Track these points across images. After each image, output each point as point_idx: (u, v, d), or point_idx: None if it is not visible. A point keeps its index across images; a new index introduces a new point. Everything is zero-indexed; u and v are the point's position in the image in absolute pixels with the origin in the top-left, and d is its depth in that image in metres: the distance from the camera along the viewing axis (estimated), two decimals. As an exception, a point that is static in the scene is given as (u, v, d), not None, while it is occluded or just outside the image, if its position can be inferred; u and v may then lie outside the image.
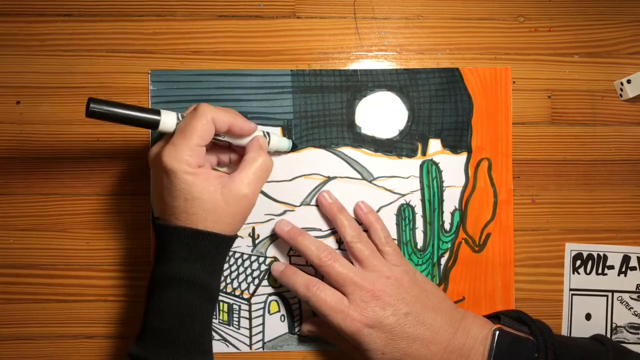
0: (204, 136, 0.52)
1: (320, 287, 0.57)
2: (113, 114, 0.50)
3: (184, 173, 0.51)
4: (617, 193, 0.65)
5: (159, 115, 0.52)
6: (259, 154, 0.55)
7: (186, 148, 0.51)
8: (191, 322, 0.52)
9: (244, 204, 0.54)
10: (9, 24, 0.62)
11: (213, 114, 0.52)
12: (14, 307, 0.62)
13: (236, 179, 0.54)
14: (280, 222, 0.62)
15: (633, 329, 0.65)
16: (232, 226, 0.54)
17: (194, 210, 0.52)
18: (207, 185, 0.52)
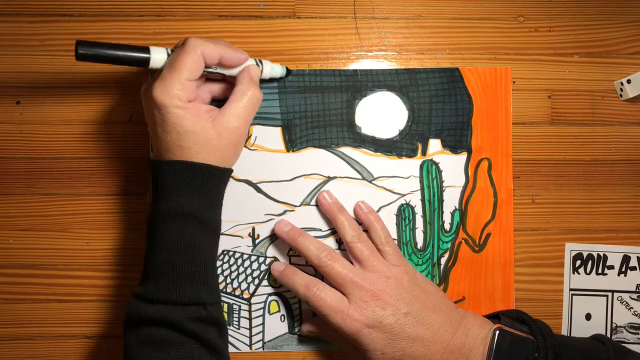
0: (194, 70, 0.52)
1: (320, 287, 0.57)
2: (102, 55, 0.51)
3: (175, 107, 0.51)
4: (617, 193, 0.65)
5: (148, 52, 0.52)
6: (248, 86, 0.55)
7: (176, 82, 0.51)
8: (192, 253, 0.52)
9: (235, 136, 0.55)
10: (9, 24, 0.62)
11: (202, 47, 0.52)
12: (13, 307, 0.63)
13: (226, 112, 0.54)
14: (280, 222, 0.62)
15: (633, 329, 0.65)
16: (225, 159, 0.55)
17: (187, 144, 0.52)
18: (198, 119, 0.52)
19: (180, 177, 0.52)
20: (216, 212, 0.55)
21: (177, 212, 0.52)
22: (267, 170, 0.63)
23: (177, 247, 0.52)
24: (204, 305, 0.52)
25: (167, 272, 0.52)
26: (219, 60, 0.54)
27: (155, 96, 0.51)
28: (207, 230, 0.53)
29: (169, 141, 0.53)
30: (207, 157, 0.53)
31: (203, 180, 0.53)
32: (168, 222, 0.52)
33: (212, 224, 0.54)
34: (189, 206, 0.52)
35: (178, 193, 0.52)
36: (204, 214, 0.53)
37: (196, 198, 0.53)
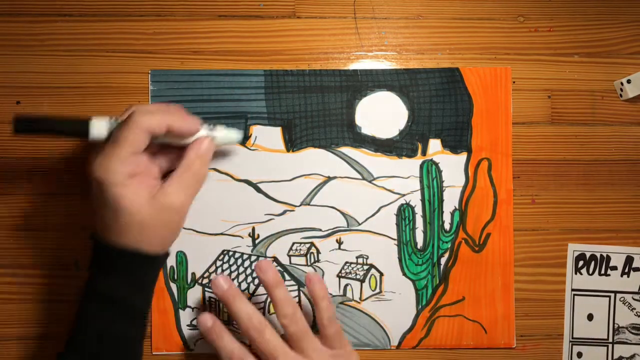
0: (136, 145, 0.50)
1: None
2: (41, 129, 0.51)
3: (112, 184, 0.49)
4: (617, 193, 0.65)
5: (87, 125, 0.51)
6: (194, 161, 0.53)
7: (116, 158, 0.49)
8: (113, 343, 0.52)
9: (172, 216, 0.52)
10: (9, 24, 0.62)
11: (147, 120, 0.50)
12: (13, 307, 0.62)
13: (166, 187, 0.52)
14: (218, 279, 0.57)
15: (635, 329, 0.65)
16: (161, 240, 0.53)
17: (122, 222, 0.50)
18: (136, 197, 0.50)
19: (112, 261, 0.52)
20: (146, 296, 0.54)
21: (104, 295, 0.52)
22: (267, 170, 0.63)
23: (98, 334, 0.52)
24: None
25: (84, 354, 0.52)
26: (167, 131, 0.52)
27: (94, 172, 0.50)
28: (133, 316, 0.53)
29: (105, 216, 0.51)
30: (141, 240, 0.51)
31: (134, 266, 0.52)
32: (94, 304, 0.52)
33: (138, 309, 0.53)
34: (116, 291, 0.52)
35: (108, 276, 0.52)
36: (132, 299, 0.52)
37: (126, 283, 0.52)
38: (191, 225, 0.62)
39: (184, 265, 0.62)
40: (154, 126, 0.51)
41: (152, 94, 0.62)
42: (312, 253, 0.63)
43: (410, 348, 0.64)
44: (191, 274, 0.63)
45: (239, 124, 0.63)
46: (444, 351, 0.64)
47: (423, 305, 0.63)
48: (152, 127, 0.50)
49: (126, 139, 0.49)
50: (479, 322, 0.64)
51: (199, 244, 0.62)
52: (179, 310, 0.63)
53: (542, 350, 0.64)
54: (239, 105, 0.63)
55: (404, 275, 0.63)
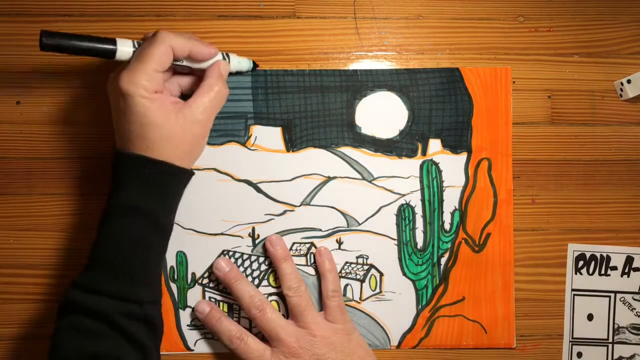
0: (162, 62, 0.52)
1: (243, 339, 0.58)
2: (68, 46, 0.51)
3: (140, 97, 0.51)
4: (617, 193, 0.65)
5: (115, 44, 0.53)
6: (216, 81, 0.56)
7: (143, 73, 0.51)
8: (137, 251, 0.52)
9: (198, 129, 0.55)
10: (9, 24, 0.62)
11: (172, 40, 0.53)
12: (13, 307, 0.62)
13: (192, 105, 0.54)
14: (220, 261, 0.61)
15: (635, 329, 0.65)
16: (186, 155, 0.55)
17: (149, 135, 0.52)
18: (163, 110, 0.52)
19: (137, 171, 0.52)
20: (168, 213, 0.55)
21: (128, 207, 0.52)
22: (267, 170, 0.63)
23: (121, 242, 0.52)
24: (138, 303, 0.52)
25: (107, 265, 0.52)
26: (188, 54, 0.54)
27: (121, 85, 0.51)
28: (156, 229, 0.53)
29: (132, 131, 0.52)
30: (168, 152, 0.53)
31: (159, 178, 0.53)
32: (118, 215, 0.52)
33: (162, 223, 0.54)
34: (141, 202, 0.52)
35: (132, 188, 0.52)
36: (155, 213, 0.53)
37: (150, 195, 0.53)
38: (191, 225, 0.62)
39: (184, 265, 0.62)
40: (178, 45, 0.53)
41: (152, 94, 0.62)
42: (312, 253, 0.63)
43: (410, 348, 0.64)
44: (191, 274, 0.63)
45: (239, 123, 0.63)
46: (444, 351, 0.64)
47: (423, 305, 0.63)
48: (175, 45, 0.53)
49: (153, 55, 0.52)
50: (479, 322, 0.64)
51: (199, 244, 0.62)
52: (179, 310, 0.63)
53: (542, 350, 0.64)
54: (239, 105, 0.63)
55: (404, 275, 0.63)
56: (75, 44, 0.51)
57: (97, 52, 0.52)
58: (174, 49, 0.53)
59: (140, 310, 0.52)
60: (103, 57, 0.53)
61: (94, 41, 0.52)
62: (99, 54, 0.53)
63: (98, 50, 0.52)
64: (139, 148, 0.52)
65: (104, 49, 0.52)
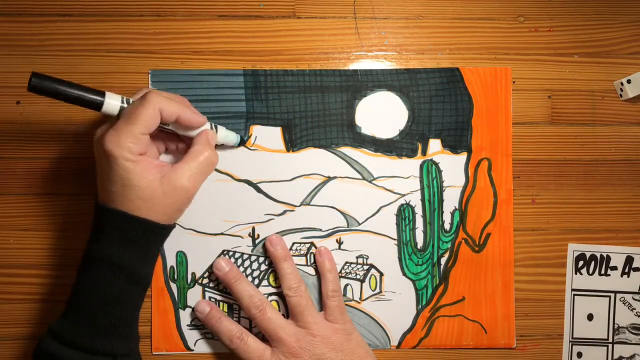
0: (149, 125, 0.52)
1: (243, 339, 0.59)
2: (55, 91, 0.51)
3: (124, 159, 0.51)
4: (617, 193, 0.65)
5: (103, 96, 0.52)
6: (205, 147, 0.55)
7: (129, 134, 0.51)
8: (113, 305, 0.52)
9: (182, 195, 0.54)
10: (9, 24, 0.62)
11: (161, 103, 0.52)
12: (13, 307, 0.62)
13: (178, 170, 0.54)
14: (220, 261, 0.61)
15: (635, 329, 0.65)
16: (167, 216, 0.54)
17: (130, 197, 0.52)
18: (146, 174, 0.52)
19: (117, 227, 0.52)
20: (148, 266, 0.55)
21: (107, 261, 0.52)
22: (267, 170, 0.63)
23: (99, 297, 0.52)
24: (113, 357, 0.52)
25: (83, 318, 0.52)
26: (176, 119, 0.54)
27: (106, 145, 0.51)
28: (134, 283, 0.53)
29: (114, 191, 0.52)
30: (149, 213, 0.53)
31: (139, 234, 0.53)
32: (96, 268, 0.52)
33: (141, 278, 0.54)
34: (119, 258, 0.52)
35: (112, 242, 0.52)
36: (134, 266, 0.53)
37: (129, 251, 0.53)
38: (191, 225, 0.62)
39: (184, 265, 0.62)
40: (167, 110, 0.53)
41: (152, 94, 0.62)
42: (312, 253, 0.63)
43: (410, 348, 0.64)
44: (191, 274, 0.63)
45: (239, 123, 0.63)
46: (444, 351, 0.64)
47: (423, 305, 0.63)
48: (164, 110, 0.53)
49: (141, 117, 0.51)
50: (479, 322, 0.64)
51: (199, 244, 0.62)
52: (179, 310, 0.63)
53: (542, 350, 0.64)
54: (239, 105, 0.63)
55: (404, 275, 0.63)
56: (63, 90, 0.51)
57: (84, 102, 0.52)
58: (163, 112, 0.52)
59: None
60: (89, 107, 0.52)
61: (83, 90, 0.52)
62: (85, 104, 0.52)
63: (85, 100, 0.52)
64: (119, 205, 0.52)
65: (91, 100, 0.52)
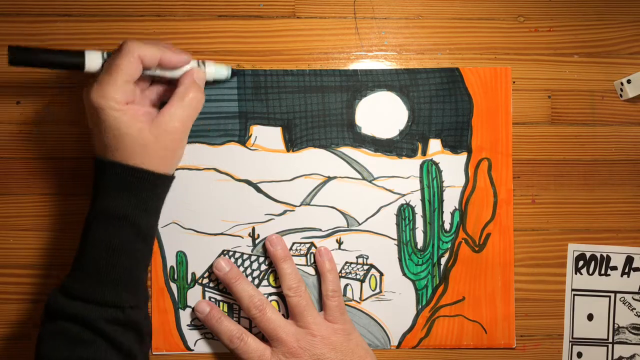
0: (130, 73, 0.52)
1: (243, 339, 0.59)
2: (36, 59, 0.52)
3: (111, 109, 0.51)
4: (617, 193, 0.65)
5: (82, 56, 0.53)
6: (189, 88, 0.55)
7: (112, 85, 0.51)
8: (119, 256, 0.52)
9: (173, 137, 0.54)
10: (9, 24, 0.62)
11: (139, 49, 0.52)
12: (13, 307, 0.62)
13: (165, 113, 0.54)
14: (220, 261, 0.61)
15: (635, 329, 0.65)
16: (163, 162, 0.54)
17: (124, 146, 0.52)
18: (135, 121, 0.52)
19: (116, 179, 0.53)
20: (150, 218, 0.55)
21: (109, 214, 0.52)
22: (267, 170, 0.63)
23: (104, 248, 0.52)
24: (122, 308, 0.52)
25: (90, 271, 0.52)
26: (159, 62, 0.54)
27: (92, 98, 0.52)
28: (138, 234, 0.54)
29: (107, 143, 0.53)
30: (144, 160, 0.53)
31: (139, 184, 0.53)
32: (100, 222, 0.53)
33: (144, 229, 0.54)
34: (122, 209, 0.52)
35: (113, 195, 0.53)
36: (137, 219, 0.53)
37: (130, 202, 0.53)
38: (191, 225, 0.62)
39: (184, 265, 0.62)
40: (146, 55, 0.53)
41: (152, 94, 0.62)
42: (312, 253, 0.63)
43: (410, 348, 0.64)
44: (191, 274, 0.63)
45: (239, 123, 0.63)
46: (444, 351, 0.64)
47: (423, 305, 0.63)
48: (144, 55, 0.53)
49: (121, 67, 0.52)
50: (479, 322, 0.64)
51: (199, 244, 0.62)
52: (179, 310, 0.63)
53: (542, 350, 0.64)
54: (239, 105, 0.63)
55: (404, 275, 0.63)
56: (43, 57, 0.52)
57: (66, 65, 0.52)
58: (143, 58, 0.53)
59: (124, 315, 0.52)
60: (72, 69, 0.53)
61: (63, 54, 0.52)
62: (67, 67, 0.53)
63: (66, 63, 0.52)
64: (116, 156, 0.53)
65: (71, 62, 0.53)
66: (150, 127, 0.53)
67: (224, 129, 0.62)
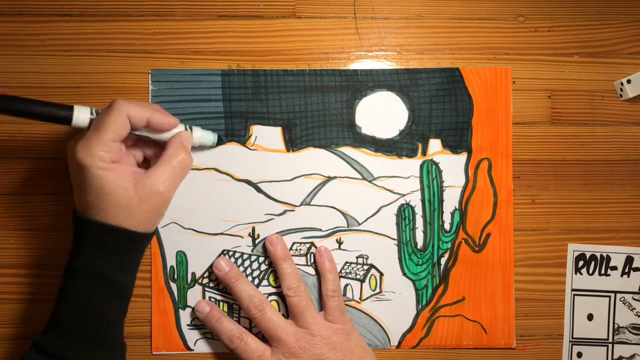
0: (118, 132, 0.52)
1: (243, 339, 0.59)
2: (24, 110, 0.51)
3: (96, 168, 0.51)
4: (617, 193, 0.65)
5: (71, 110, 0.52)
6: (178, 151, 0.55)
7: (99, 143, 0.51)
8: (97, 315, 0.52)
9: (158, 201, 0.54)
10: (9, 24, 0.62)
11: (128, 109, 0.52)
12: (13, 307, 0.62)
13: (151, 175, 0.54)
14: (220, 261, 0.61)
15: (635, 329, 0.65)
16: (145, 223, 0.54)
17: (106, 206, 0.52)
18: (120, 181, 0.52)
19: (97, 238, 0.52)
20: (131, 275, 0.55)
21: (88, 272, 0.52)
22: (267, 170, 0.63)
23: (81, 307, 0.52)
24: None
25: (68, 330, 0.52)
26: (147, 124, 0.54)
27: (78, 156, 0.51)
28: (117, 292, 0.53)
29: (89, 201, 0.52)
30: (126, 221, 0.53)
31: (118, 244, 0.53)
32: (79, 279, 0.52)
33: (123, 287, 0.54)
34: (100, 269, 0.52)
35: (92, 254, 0.52)
36: (115, 276, 0.53)
37: (110, 261, 0.52)
38: (191, 225, 0.62)
39: (184, 265, 0.62)
40: (135, 115, 0.53)
41: (152, 93, 0.62)
42: (312, 253, 0.63)
43: (410, 348, 0.64)
44: (191, 274, 0.63)
45: (239, 123, 0.63)
46: (444, 351, 0.64)
47: (423, 305, 0.63)
48: (133, 115, 0.52)
49: (108, 125, 0.51)
50: (479, 322, 0.64)
51: (199, 244, 0.62)
52: (179, 310, 0.63)
53: (542, 350, 0.64)
54: (239, 105, 0.63)
55: (404, 275, 0.63)
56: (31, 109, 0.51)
57: (53, 118, 0.52)
58: (132, 118, 0.52)
59: None
60: (59, 123, 0.52)
61: (51, 107, 0.52)
62: (55, 120, 0.52)
63: (54, 116, 0.52)
64: (97, 215, 0.52)
65: (59, 116, 0.52)
66: (135, 187, 0.53)
67: (224, 129, 0.62)
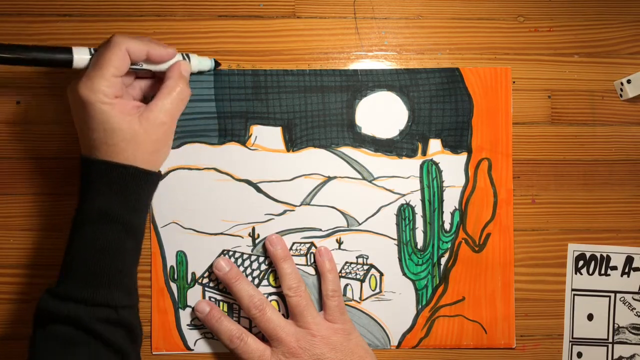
0: (119, 66, 0.52)
1: (243, 339, 0.59)
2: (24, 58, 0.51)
3: (101, 103, 0.51)
4: (617, 193, 0.65)
5: (70, 53, 0.53)
6: (177, 82, 0.55)
7: (101, 79, 0.51)
8: (109, 256, 0.52)
9: (162, 131, 0.55)
10: (9, 24, 0.62)
11: (127, 43, 0.52)
12: (13, 307, 0.62)
13: (153, 107, 0.54)
14: (220, 261, 0.61)
15: (635, 329, 0.65)
16: (152, 157, 0.55)
17: (114, 141, 0.52)
18: (125, 115, 0.52)
19: (104, 177, 0.52)
20: (140, 216, 0.55)
21: (99, 213, 0.52)
22: (267, 170, 0.63)
23: (94, 250, 0.52)
24: (114, 307, 0.52)
25: (81, 272, 0.52)
26: (146, 56, 0.54)
27: (81, 93, 0.51)
28: (127, 233, 0.53)
29: (95, 138, 0.52)
30: (134, 155, 0.53)
31: (126, 181, 0.53)
32: (89, 222, 0.52)
33: (134, 227, 0.54)
34: (110, 208, 0.52)
35: (101, 194, 0.52)
36: (126, 217, 0.53)
37: (119, 200, 0.53)
38: (191, 225, 0.62)
39: (184, 265, 0.62)
40: (134, 48, 0.53)
41: (152, 93, 0.62)
42: (312, 253, 0.63)
43: (410, 348, 0.64)
44: (191, 273, 0.63)
45: (239, 123, 0.63)
46: (444, 351, 0.64)
47: (423, 305, 0.63)
48: (132, 49, 0.53)
49: (109, 60, 0.52)
50: (479, 322, 0.64)
51: (199, 244, 0.62)
52: (179, 310, 0.63)
53: (542, 350, 0.64)
54: (239, 105, 0.63)
55: (404, 275, 0.63)
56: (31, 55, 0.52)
57: (54, 62, 0.52)
58: (130, 52, 0.53)
59: (116, 315, 0.52)
60: (60, 66, 0.53)
61: (51, 51, 0.52)
62: (56, 64, 0.52)
63: (54, 60, 0.52)
64: (104, 154, 0.53)
65: (60, 59, 0.52)
66: (139, 120, 0.53)
67: (224, 129, 0.62)
